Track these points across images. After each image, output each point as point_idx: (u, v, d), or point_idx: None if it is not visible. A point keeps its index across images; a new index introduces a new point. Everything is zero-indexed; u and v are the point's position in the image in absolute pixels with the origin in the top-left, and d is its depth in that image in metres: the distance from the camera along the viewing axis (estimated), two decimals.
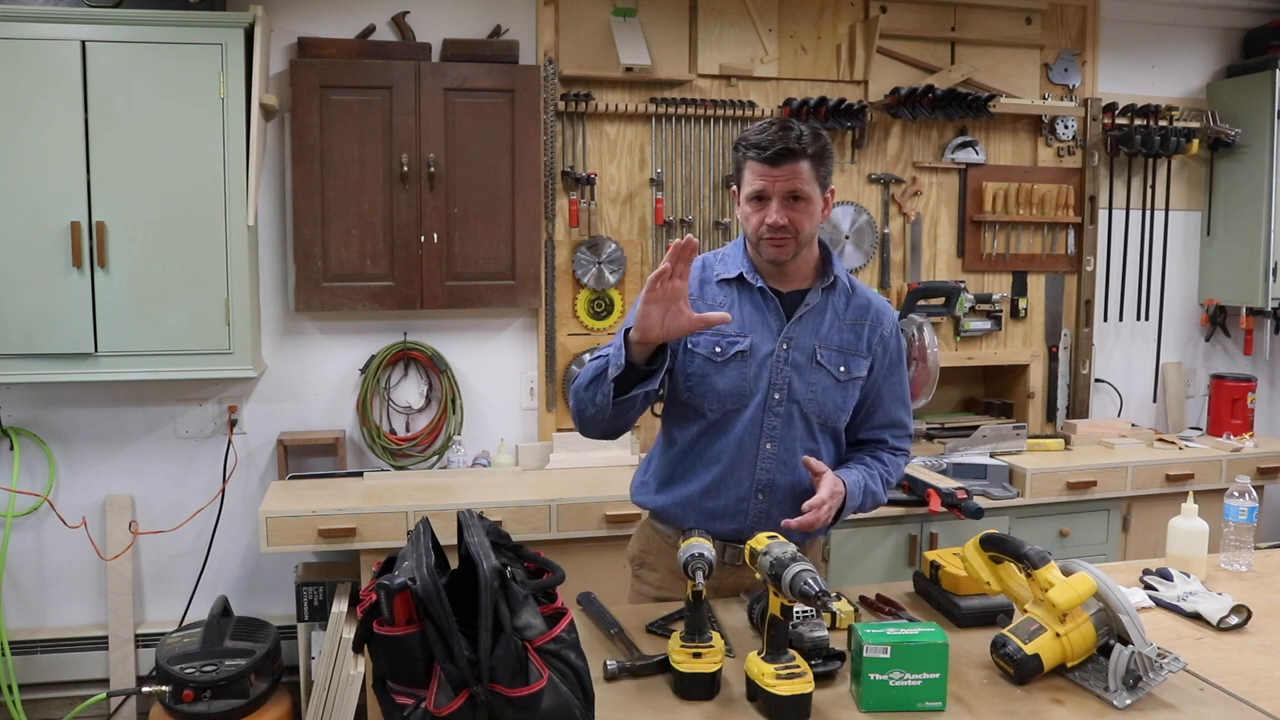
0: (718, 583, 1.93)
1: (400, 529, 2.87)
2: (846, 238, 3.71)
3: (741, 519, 1.90)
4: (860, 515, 3.05)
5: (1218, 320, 4.12)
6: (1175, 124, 3.92)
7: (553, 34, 3.39)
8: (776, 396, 1.86)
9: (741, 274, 1.89)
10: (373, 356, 3.36)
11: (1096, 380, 4.05)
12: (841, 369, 1.89)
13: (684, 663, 1.53)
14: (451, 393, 3.40)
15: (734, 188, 1.89)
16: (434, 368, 3.41)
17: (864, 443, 2.01)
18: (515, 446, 3.45)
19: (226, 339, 2.99)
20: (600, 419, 1.79)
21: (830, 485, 1.80)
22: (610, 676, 1.59)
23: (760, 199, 1.81)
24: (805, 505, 1.78)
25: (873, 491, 1.94)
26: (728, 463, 1.88)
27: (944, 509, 2.96)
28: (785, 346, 1.86)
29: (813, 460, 1.83)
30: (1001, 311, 3.87)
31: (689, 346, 1.87)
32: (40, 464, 3.23)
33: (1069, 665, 1.58)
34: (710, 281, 1.91)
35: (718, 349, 1.86)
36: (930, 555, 1.96)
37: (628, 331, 1.72)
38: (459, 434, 3.41)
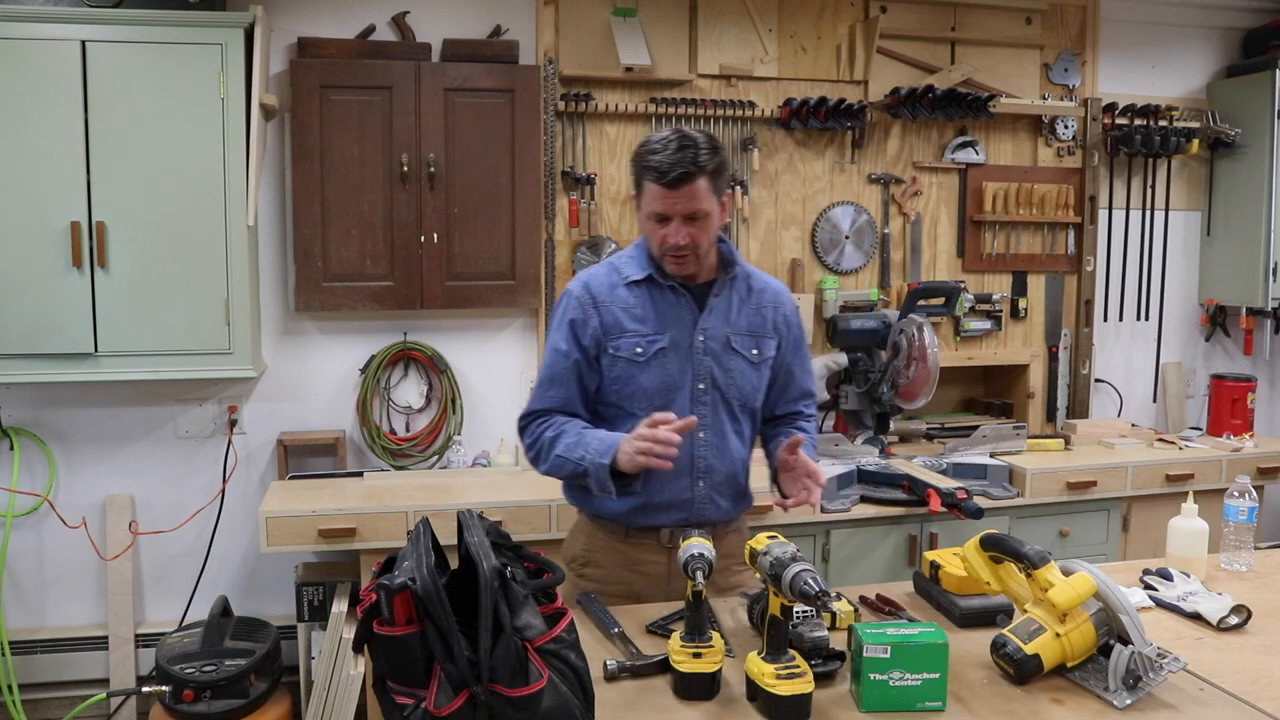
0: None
1: (400, 529, 2.87)
2: (846, 238, 3.71)
3: (687, 507, 1.98)
4: (860, 516, 3.08)
5: (1218, 320, 4.12)
6: (1175, 124, 3.92)
7: (553, 34, 3.39)
8: (701, 386, 1.95)
9: (651, 274, 1.96)
10: (373, 356, 3.36)
11: (1096, 380, 4.05)
12: (754, 351, 2.00)
13: (684, 663, 1.53)
14: (451, 393, 3.40)
15: (634, 193, 1.94)
16: (434, 368, 3.41)
17: (781, 416, 2.13)
18: (515, 446, 3.45)
19: (226, 339, 2.99)
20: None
21: (808, 465, 1.93)
22: (610, 676, 1.59)
23: (661, 219, 1.87)
24: (800, 473, 1.90)
25: (816, 459, 2.08)
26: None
27: (944, 509, 2.96)
28: (702, 338, 1.95)
29: (789, 453, 1.91)
30: (1001, 311, 3.88)
31: (611, 351, 1.94)
32: (40, 464, 3.23)
33: (1069, 665, 1.58)
34: (619, 285, 1.97)
35: (639, 349, 1.93)
36: (930, 555, 1.96)
37: (613, 466, 1.82)
38: (459, 434, 3.41)
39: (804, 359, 2.13)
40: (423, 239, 3.20)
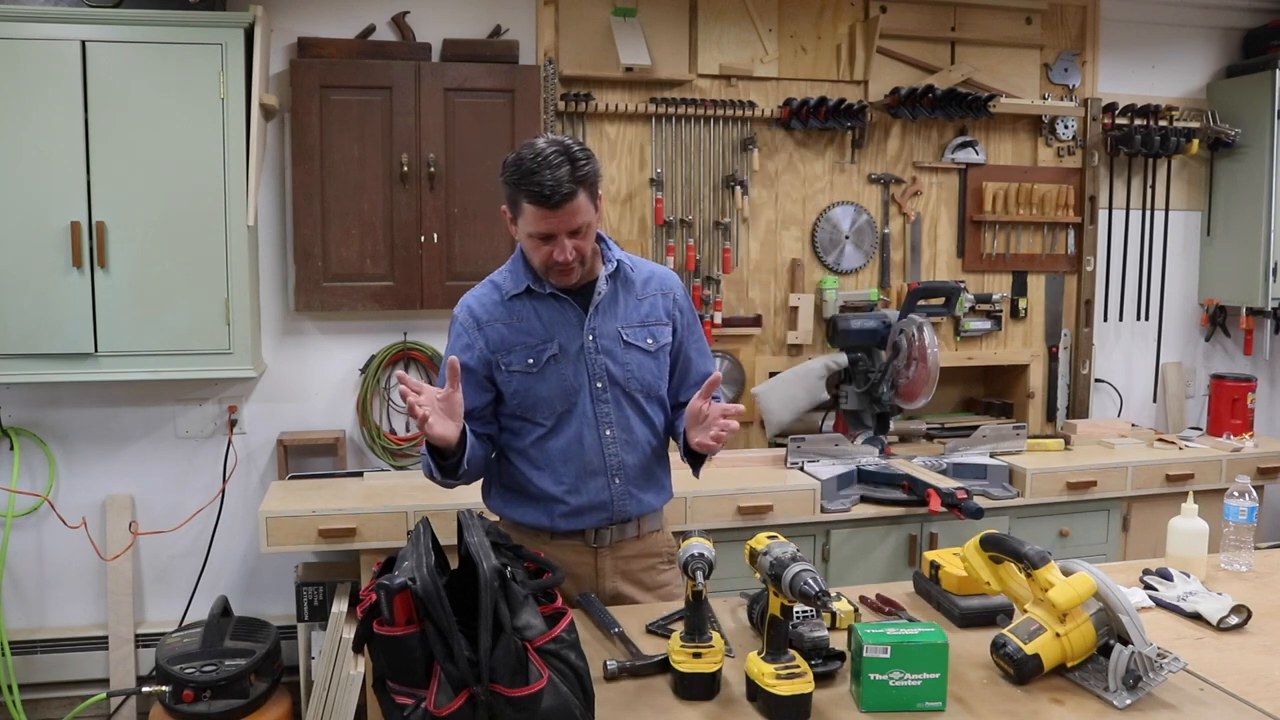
0: (619, 566, 2.02)
1: (400, 529, 2.87)
2: (846, 238, 3.71)
3: (607, 506, 1.98)
4: (860, 515, 3.08)
5: (1218, 320, 4.13)
6: (1175, 124, 3.92)
7: (553, 34, 3.39)
8: (599, 385, 1.95)
9: (529, 286, 1.95)
10: (373, 356, 3.36)
11: (1096, 380, 4.05)
12: (649, 341, 2.00)
13: (684, 663, 1.53)
14: None
15: (505, 209, 1.90)
16: (434, 368, 3.41)
17: (686, 403, 2.08)
18: None
19: (226, 339, 2.99)
20: (459, 486, 1.96)
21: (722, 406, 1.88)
22: (610, 676, 1.59)
23: (545, 238, 1.84)
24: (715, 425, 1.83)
25: None
26: (578, 459, 1.95)
27: (944, 509, 2.96)
28: (591, 338, 1.95)
29: (703, 398, 1.88)
30: (1001, 311, 3.88)
31: (503, 367, 1.94)
32: (40, 464, 3.23)
33: (1069, 665, 1.58)
34: (501, 301, 1.97)
35: (530, 360, 1.94)
36: (930, 555, 1.96)
37: (429, 446, 1.82)
38: None
39: (699, 340, 2.11)
40: (423, 239, 3.20)
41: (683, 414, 1.99)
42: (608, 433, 1.96)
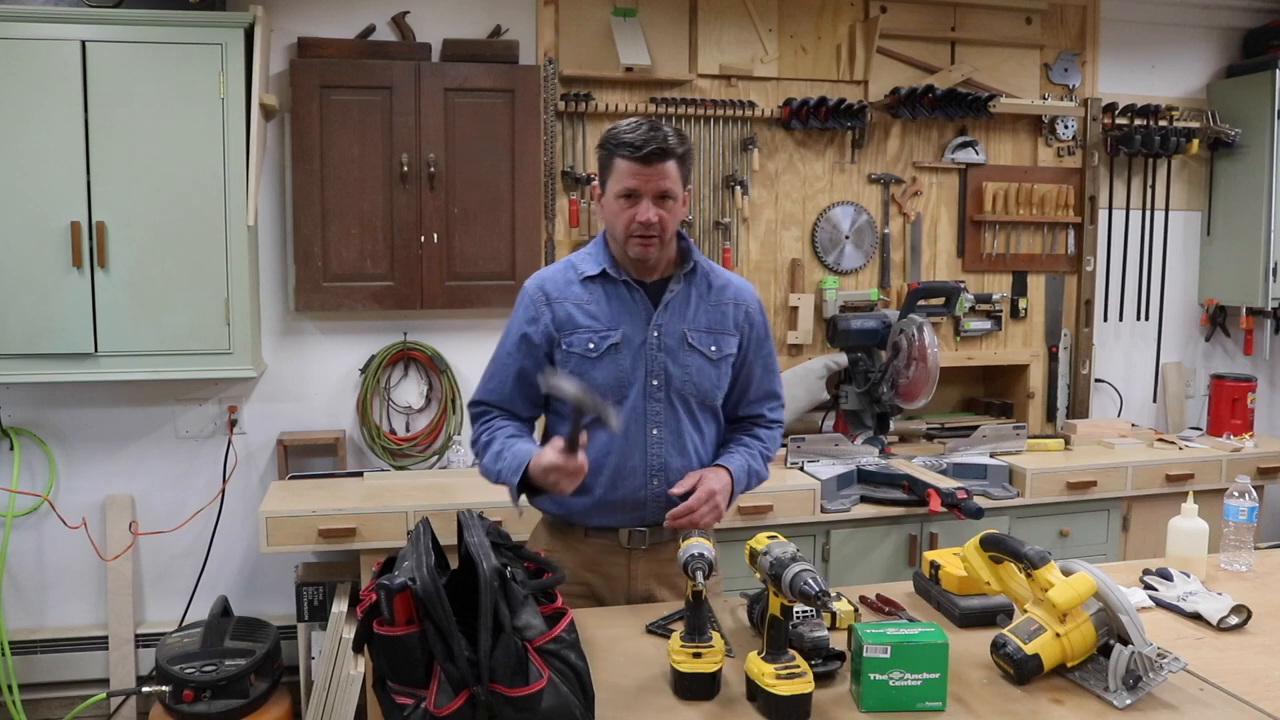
0: (653, 569, 2.00)
1: (400, 529, 2.87)
2: (846, 238, 3.71)
3: (641, 507, 1.96)
4: (860, 516, 3.08)
5: (1218, 320, 4.13)
6: (1175, 124, 3.92)
7: (553, 34, 3.39)
8: (655, 383, 1.93)
9: (605, 269, 1.94)
10: (373, 356, 3.36)
11: (1096, 380, 4.05)
12: (713, 348, 1.98)
13: (684, 663, 1.52)
14: (451, 393, 3.40)
15: (595, 184, 1.94)
16: (434, 368, 3.41)
17: (742, 419, 2.09)
18: None
19: (226, 339, 2.99)
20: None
21: (706, 487, 1.88)
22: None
23: (630, 197, 1.86)
24: (670, 514, 1.86)
25: (756, 471, 2.04)
26: (620, 454, 1.94)
27: (944, 509, 2.96)
28: (656, 334, 1.93)
29: (680, 487, 1.90)
30: (1001, 311, 3.87)
31: (564, 347, 1.93)
32: (40, 464, 3.23)
33: (1069, 665, 1.58)
34: (575, 281, 1.96)
35: (591, 345, 1.92)
36: (930, 555, 1.96)
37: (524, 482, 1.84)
38: (459, 434, 3.41)
39: (768, 358, 2.08)
40: (423, 239, 3.20)
41: (729, 443, 2.03)
42: (654, 432, 1.94)
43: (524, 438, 1.98)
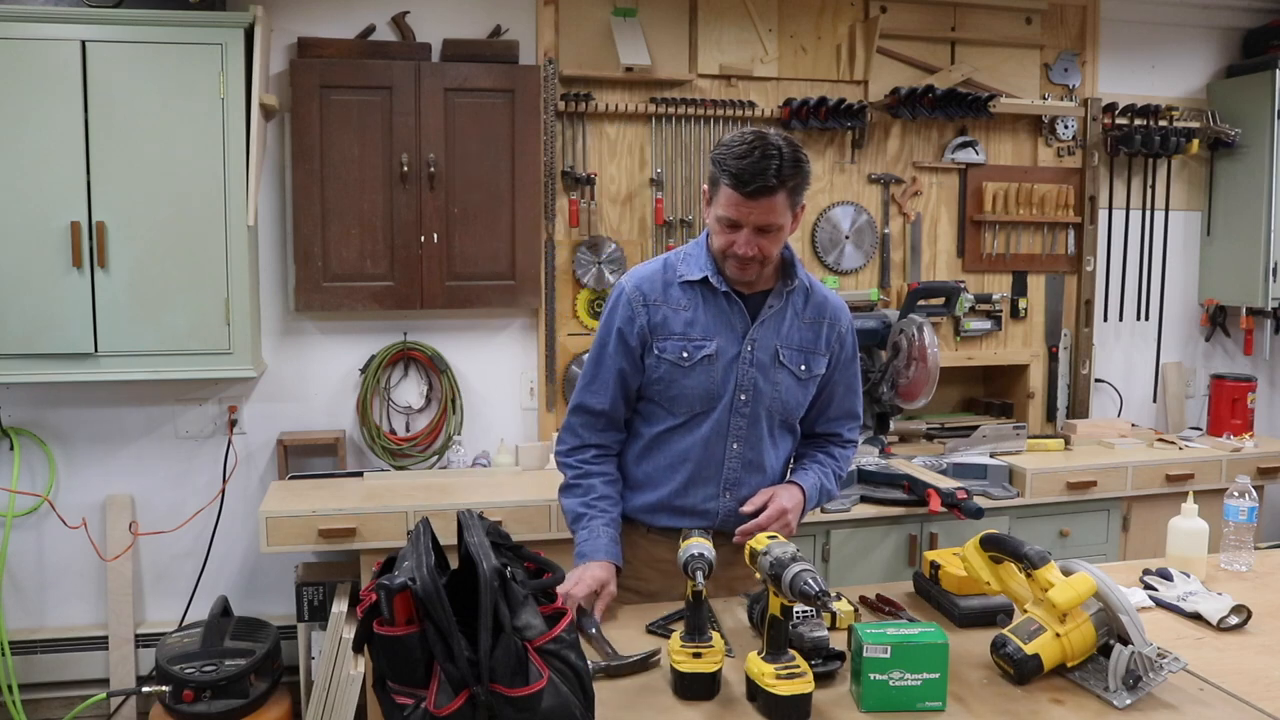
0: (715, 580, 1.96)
1: (400, 529, 2.87)
2: (846, 238, 3.71)
3: (711, 516, 1.95)
4: (860, 516, 3.08)
5: (1218, 320, 4.12)
6: (1175, 124, 3.92)
7: (553, 34, 3.39)
8: (743, 398, 1.91)
9: (706, 277, 1.89)
10: (373, 356, 3.36)
11: (1096, 380, 4.05)
12: (802, 368, 1.94)
13: (684, 663, 1.52)
14: (451, 393, 3.40)
15: (705, 188, 1.88)
16: (434, 368, 3.41)
17: (818, 437, 2.08)
18: (515, 446, 3.45)
19: (226, 339, 2.99)
20: None
21: (777, 504, 1.89)
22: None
23: (732, 225, 1.80)
24: (740, 530, 1.88)
25: (828, 490, 2.05)
26: (696, 463, 1.93)
27: (944, 509, 2.96)
28: (750, 349, 1.90)
29: (751, 504, 1.92)
30: (1001, 311, 3.87)
31: (656, 352, 1.90)
32: (40, 464, 3.23)
33: (1069, 665, 1.58)
34: (673, 284, 1.92)
35: (684, 353, 1.89)
36: (930, 555, 1.96)
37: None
38: (459, 434, 3.41)
39: (853, 378, 2.05)
40: (423, 239, 3.20)
41: (803, 458, 2.05)
42: (734, 446, 1.92)
43: (611, 511, 1.95)
